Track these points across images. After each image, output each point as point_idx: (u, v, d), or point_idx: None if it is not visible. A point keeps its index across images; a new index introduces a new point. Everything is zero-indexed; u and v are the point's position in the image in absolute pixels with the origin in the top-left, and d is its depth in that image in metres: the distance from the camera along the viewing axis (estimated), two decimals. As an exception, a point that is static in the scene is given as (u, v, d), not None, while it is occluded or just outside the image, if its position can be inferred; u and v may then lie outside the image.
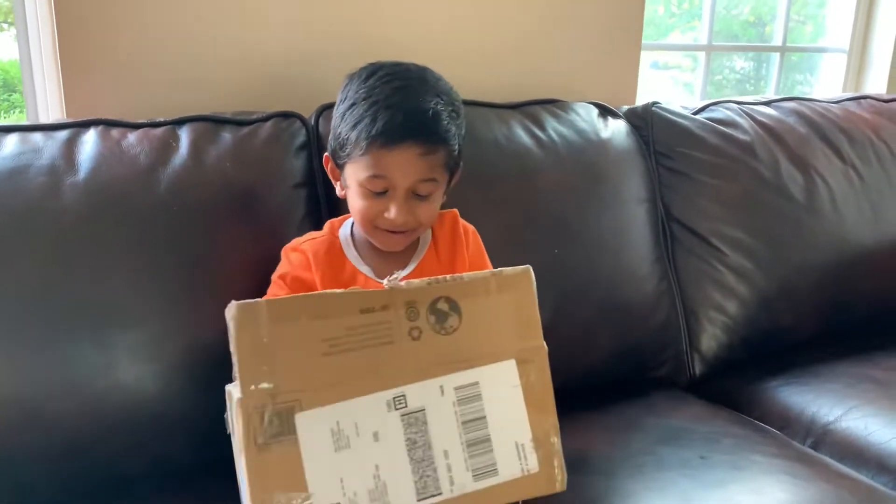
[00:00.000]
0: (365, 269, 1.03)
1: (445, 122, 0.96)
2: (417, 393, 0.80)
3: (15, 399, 0.99)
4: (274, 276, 1.04)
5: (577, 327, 1.30)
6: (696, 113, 1.55)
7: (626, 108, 1.56)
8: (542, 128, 1.39)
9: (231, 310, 0.74)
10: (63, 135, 1.09)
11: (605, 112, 1.49)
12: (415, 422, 0.80)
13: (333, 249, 1.04)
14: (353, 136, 0.95)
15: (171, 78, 1.29)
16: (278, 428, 0.75)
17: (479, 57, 1.53)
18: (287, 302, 0.78)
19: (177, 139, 1.12)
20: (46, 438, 1.00)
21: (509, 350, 0.85)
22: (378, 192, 0.97)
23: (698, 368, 1.45)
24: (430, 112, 0.95)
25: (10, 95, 1.77)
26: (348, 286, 0.98)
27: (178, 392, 1.05)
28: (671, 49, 2.26)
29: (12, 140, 1.06)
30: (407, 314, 0.79)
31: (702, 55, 2.06)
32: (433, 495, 0.80)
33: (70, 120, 1.15)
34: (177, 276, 1.06)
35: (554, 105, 1.46)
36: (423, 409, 0.80)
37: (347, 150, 0.97)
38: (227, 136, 1.15)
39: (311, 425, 0.76)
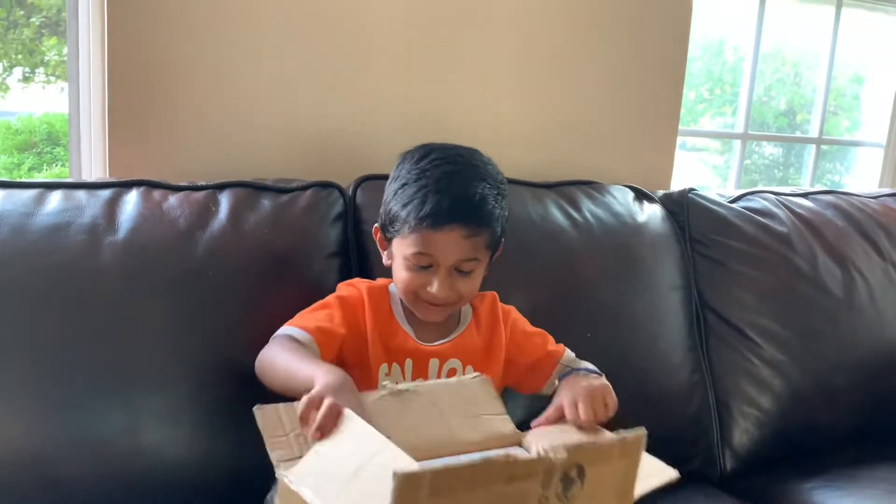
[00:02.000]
0: (407, 328, 1.06)
1: (490, 206, 1.01)
2: None
3: (32, 458, 0.97)
4: (328, 298, 1.05)
5: (607, 414, 1.26)
6: (732, 201, 1.55)
7: (661, 192, 1.56)
8: (578, 209, 1.38)
9: (396, 480, 0.71)
10: (106, 194, 1.10)
11: (640, 196, 1.49)
12: None
13: (384, 299, 1.08)
14: (402, 214, 1.00)
15: (214, 142, 1.31)
16: None
17: (515, 136, 1.54)
18: (449, 472, 0.74)
19: (217, 204, 1.13)
20: (60, 499, 0.98)
21: None
22: (423, 266, 1.01)
23: (729, 463, 1.40)
24: (477, 197, 0.99)
25: (53, 148, 1.80)
26: (392, 337, 1.04)
27: (199, 458, 1.04)
28: (708, 136, 2.28)
29: (56, 196, 1.07)
30: (542, 482, 0.75)
31: (733, 140, 2.07)
32: None
33: (114, 179, 1.16)
34: (206, 341, 1.06)
35: (590, 186, 1.46)
36: None
37: (397, 227, 1.02)
38: (266, 202, 1.16)
39: None
